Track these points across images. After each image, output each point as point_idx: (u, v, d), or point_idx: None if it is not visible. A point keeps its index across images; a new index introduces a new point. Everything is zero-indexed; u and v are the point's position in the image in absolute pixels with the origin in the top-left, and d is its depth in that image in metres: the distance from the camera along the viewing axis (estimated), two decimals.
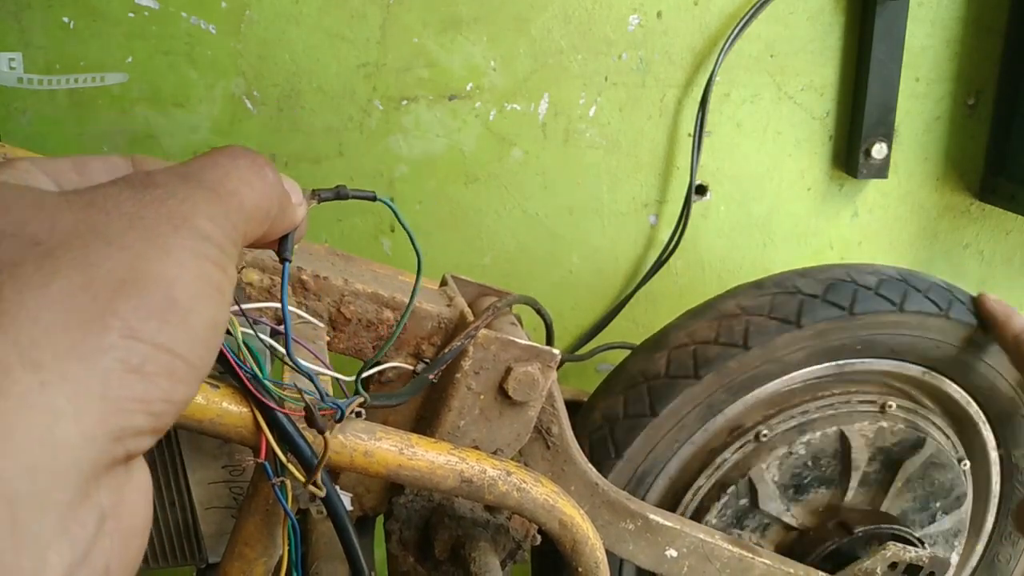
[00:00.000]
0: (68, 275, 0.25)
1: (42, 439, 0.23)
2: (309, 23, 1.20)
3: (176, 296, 0.26)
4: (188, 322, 0.27)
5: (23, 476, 0.22)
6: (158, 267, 0.26)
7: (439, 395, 0.73)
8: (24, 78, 1.15)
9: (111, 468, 0.26)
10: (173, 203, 0.28)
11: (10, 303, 0.24)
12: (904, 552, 0.92)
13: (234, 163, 0.32)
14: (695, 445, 0.96)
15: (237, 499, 0.77)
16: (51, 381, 0.23)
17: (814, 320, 0.91)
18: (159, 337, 0.26)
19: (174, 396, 0.26)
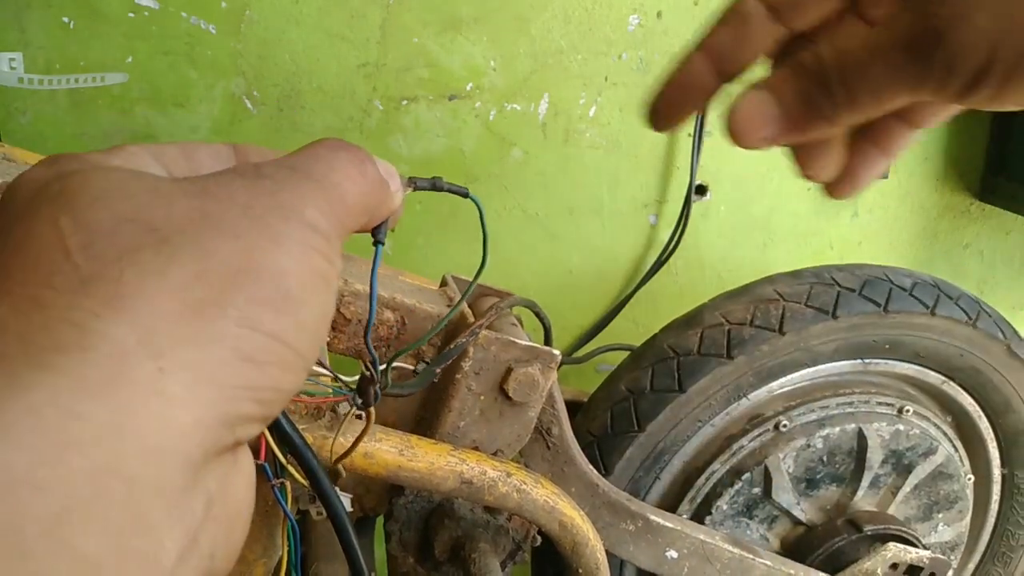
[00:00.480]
0: (185, 263, 0.25)
1: (159, 425, 0.23)
2: (309, 23, 1.20)
3: (289, 286, 0.27)
4: (299, 313, 0.27)
5: (141, 460, 0.23)
6: (271, 257, 0.26)
7: (439, 396, 0.73)
8: (24, 78, 1.15)
9: (220, 454, 0.26)
10: (283, 195, 0.28)
11: (130, 287, 0.24)
12: (905, 553, 0.92)
13: (336, 157, 0.32)
14: (715, 428, 0.97)
15: None
16: (168, 368, 0.24)
17: (849, 313, 0.91)
18: (273, 327, 0.26)
19: (283, 385, 0.27)
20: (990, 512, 1.12)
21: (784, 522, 0.98)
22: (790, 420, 0.96)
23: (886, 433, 0.96)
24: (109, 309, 0.24)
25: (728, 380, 0.93)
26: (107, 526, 0.22)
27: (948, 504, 1.01)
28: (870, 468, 0.96)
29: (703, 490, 0.97)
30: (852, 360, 0.98)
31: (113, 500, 0.22)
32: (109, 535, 0.22)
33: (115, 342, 0.23)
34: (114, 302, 0.24)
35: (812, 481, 0.96)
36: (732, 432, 0.97)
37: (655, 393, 0.92)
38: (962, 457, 1.06)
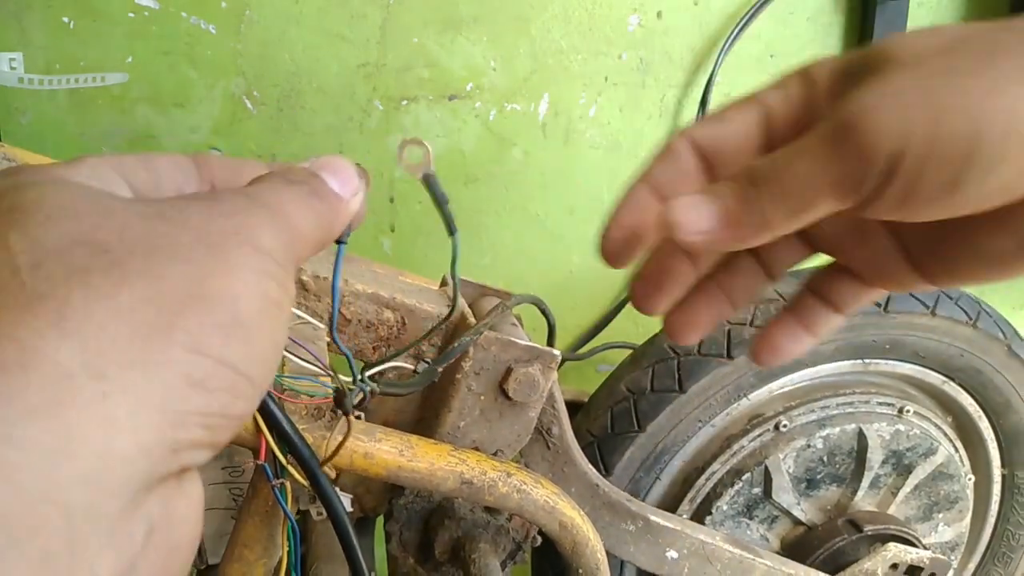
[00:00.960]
0: (135, 286, 0.25)
1: (100, 450, 0.23)
2: (309, 23, 1.20)
3: (240, 312, 0.26)
4: (251, 339, 0.27)
5: (79, 486, 0.22)
6: (223, 283, 0.26)
7: (439, 396, 0.73)
8: (24, 78, 1.15)
9: (164, 480, 0.25)
10: (239, 219, 0.28)
11: (77, 310, 0.24)
12: (905, 553, 0.92)
13: (288, 190, 0.32)
14: (715, 428, 0.97)
15: (237, 500, 0.77)
16: (113, 392, 0.23)
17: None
18: (223, 352, 0.26)
19: (232, 411, 0.26)
20: (990, 512, 1.12)
21: (784, 522, 0.98)
22: (790, 420, 0.96)
23: (886, 433, 0.96)
24: (55, 329, 0.23)
25: (728, 380, 0.93)
26: (40, 554, 0.21)
27: (948, 504, 1.01)
28: (870, 468, 0.96)
29: (704, 489, 0.97)
30: (852, 360, 0.98)
31: (47, 528, 0.21)
32: (42, 563, 0.21)
33: (58, 363, 0.23)
34: (60, 323, 0.23)
35: (813, 481, 0.96)
36: (733, 432, 0.97)
37: (655, 393, 0.92)
38: (962, 457, 1.06)
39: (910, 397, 1.03)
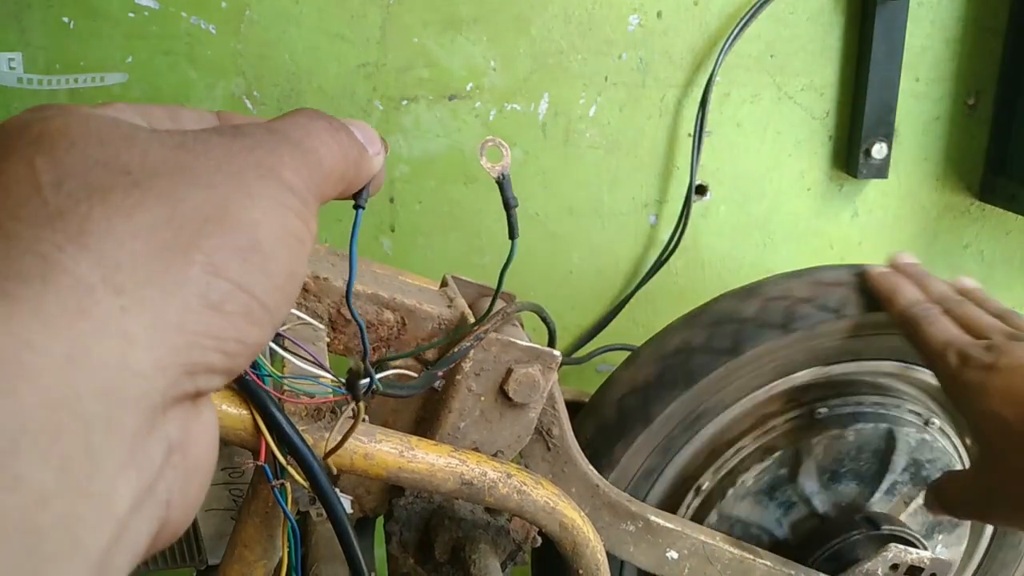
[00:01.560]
0: (154, 206, 0.25)
1: (117, 363, 0.23)
2: (309, 23, 1.20)
3: (259, 239, 0.27)
4: (268, 266, 0.27)
5: (97, 397, 0.22)
6: (242, 210, 0.26)
7: (439, 397, 0.73)
8: (24, 78, 1.14)
9: (181, 402, 0.26)
10: (260, 153, 0.28)
11: (96, 224, 0.24)
12: (906, 554, 0.92)
13: (314, 123, 0.32)
14: (754, 402, 0.96)
15: (236, 501, 0.77)
16: (130, 307, 0.23)
17: None
18: (239, 276, 0.26)
19: (248, 338, 0.27)
20: (983, 538, 1.12)
21: (799, 509, 0.97)
22: (828, 408, 0.96)
23: (913, 440, 0.96)
24: (74, 244, 0.23)
25: (779, 354, 0.92)
26: (58, 461, 0.21)
27: (951, 527, 1.01)
28: (892, 472, 0.96)
29: (730, 463, 0.96)
30: (896, 362, 0.97)
31: (66, 436, 0.22)
32: (60, 471, 0.21)
33: (77, 276, 0.23)
34: (80, 238, 0.24)
35: (836, 474, 0.96)
36: (768, 410, 0.97)
37: (710, 353, 0.92)
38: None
39: (935, 412, 1.02)
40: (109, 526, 0.23)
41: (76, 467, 0.22)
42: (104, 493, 0.23)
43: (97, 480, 0.22)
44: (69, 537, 0.21)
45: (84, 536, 0.22)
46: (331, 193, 0.33)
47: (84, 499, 0.22)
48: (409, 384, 0.64)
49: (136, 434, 0.24)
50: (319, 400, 0.58)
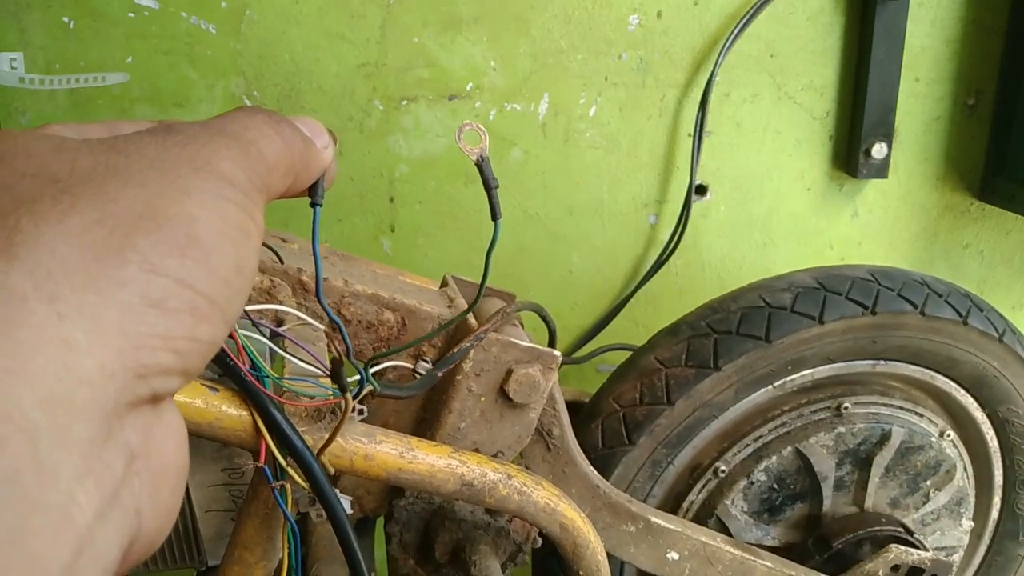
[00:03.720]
0: (84, 210, 0.25)
1: (59, 372, 0.22)
2: (309, 23, 1.20)
3: (197, 233, 0.26)
4: (209, 260, 0.26)
5: (41, 407, 0.22)
6: (177, 205, 0.26)
7: (439, 397, 0.73)
8: (25, 78, 1.14)
9: (136, 407, 0.25)
10: (194, 147, 0.28)
11: (26, 235, 0.24)
12: (907, 555, 0.92)
13: (251, 118, 0.32)
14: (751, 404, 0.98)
15: (236, 502, 0.76)
16: (68, 313, 0.23)
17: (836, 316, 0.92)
18: (179, 272, 0.25)
19: (198, 334, 0.26)
20: (991, 450, 1.11)
21: (813, 504, 0.98)
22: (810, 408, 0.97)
23: (828, 441, 0.97)
24: (3, 256, 0.23)
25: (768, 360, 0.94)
26: (7, 474, 0.21)
27: (932, 471, 1.02)
28: (825, 478, 0.97)
29: (746, 450, 0.97)
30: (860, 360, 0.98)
31: (12, 449, 0.21)
32: (10, 483, 0.21)
33: (8, 287, 0.23)
34: (9, 249, 0.23)
35: (773, 508, 0.97)
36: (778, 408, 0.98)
37: (743, 337, 0.93)
38: (932, 419, 1.06)
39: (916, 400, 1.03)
40: (69, 538, 0.22)
41: (25, 480, 0.21)
42: (59, 505, 0.22)
43: (51, 492, 0.22)
44: (24, 553, 0.21)
45: (41, 550, 0.21)
46: (278, 187, 0.32)
47: (37, 512, 0.21)
48: (408, 385, 0.64)
49: (90, 442, 0.23)
50: (319, 402, 0.58)
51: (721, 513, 0.95)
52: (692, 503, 0.97)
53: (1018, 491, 1.14)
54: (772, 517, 0.97)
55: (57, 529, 0.22)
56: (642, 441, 0.92)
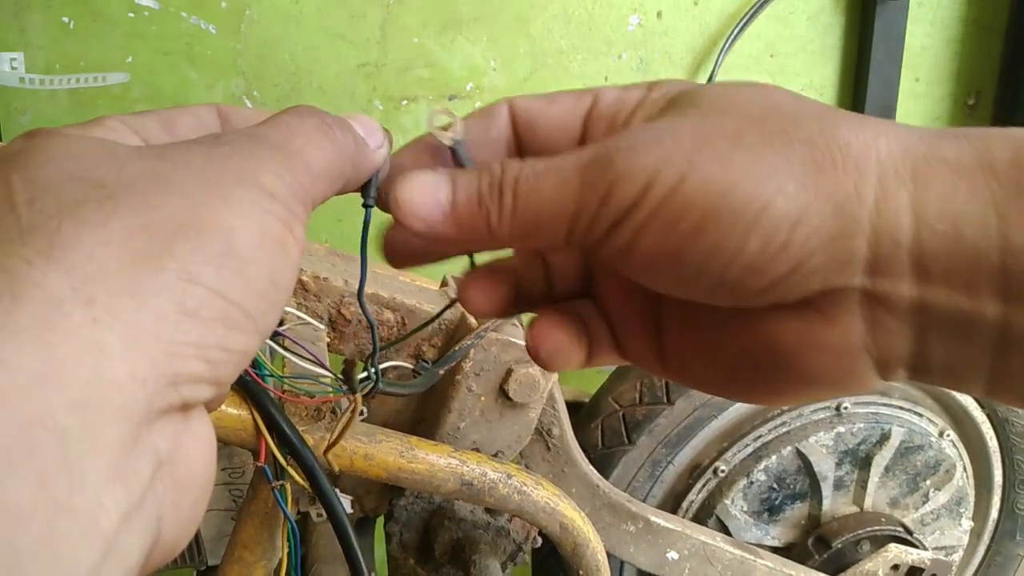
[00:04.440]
0: (126, 216, 0.25)
1: (91, 376, 0.22)
2: (309, 23, 1.20)
3: (236, 244, 0.26)
4: (246, 271, 0.26)
5: (72, 411, 0.22)
6: (218, 215, 0.26)
7: (439, 397, 0.73)
8: (25, 78, 1.14)
9: (166, 414, 0.25)
10: (239, 159, 0.28)
11: (67, 238, 0.24)
12: (906, 554, 0.92)
13: (301, 123, 0.31)
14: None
15: (236, 501, 0.76)
16: (103, 318, 0.23)
17: None
18: (215, 282, 0.25)
19: (231, 344, 0.26)
20: (991, 449, 1.11)
21: (812, 504, 0.98)
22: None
23: (828, 441, 0.97)
24: (43, 257, 0.23)
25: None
26: (36, 477, 0.21)
27: (931, 470, 1.02)
28: (825, 478, 0.97)
29: (746, 450, 0.98)
30: None
31: (42, 452, 0.21)
32: (39, 487, 0.21)
33: (47, 289, 0.23)
34: (49, 251, 0.23)
35: (773, 508, 0.98)
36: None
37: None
38: (931, 419, 1.06)
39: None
40: (96, 543, 0.22)
41: (54, 483, 0.21)
42: (88, 509, 0.22)
43: (79, 495, 0.22)
44: (52, 556, 0.21)
45: (68, 554, 0.21)
46: (325, 193, 0.32)
47: (66, 516, 0.21)
48: (409, 383, 0.64)
49: (119, 447, 0.23)
50: (319, 400, 0.58)
51: (721, 513, 0.95)
52: (692, 503, 0.97)
53: (1017, 491, 1.14)
54: (772, 517, 0.97)
55: (85, 533, 0.22)
56: (642, 441, 0.92)
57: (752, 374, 0.33)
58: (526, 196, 0.32)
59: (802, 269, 0.29)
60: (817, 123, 0.30)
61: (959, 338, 0.28)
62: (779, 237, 0.28)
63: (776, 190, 0.28)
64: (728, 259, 0.29)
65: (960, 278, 0.27)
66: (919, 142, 0.28)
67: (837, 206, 0.28)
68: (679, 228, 0.29)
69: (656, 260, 0.30)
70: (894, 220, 0.28)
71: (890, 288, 0.28)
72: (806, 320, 0.30)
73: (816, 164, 0.29)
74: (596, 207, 0.31)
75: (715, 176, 0.29)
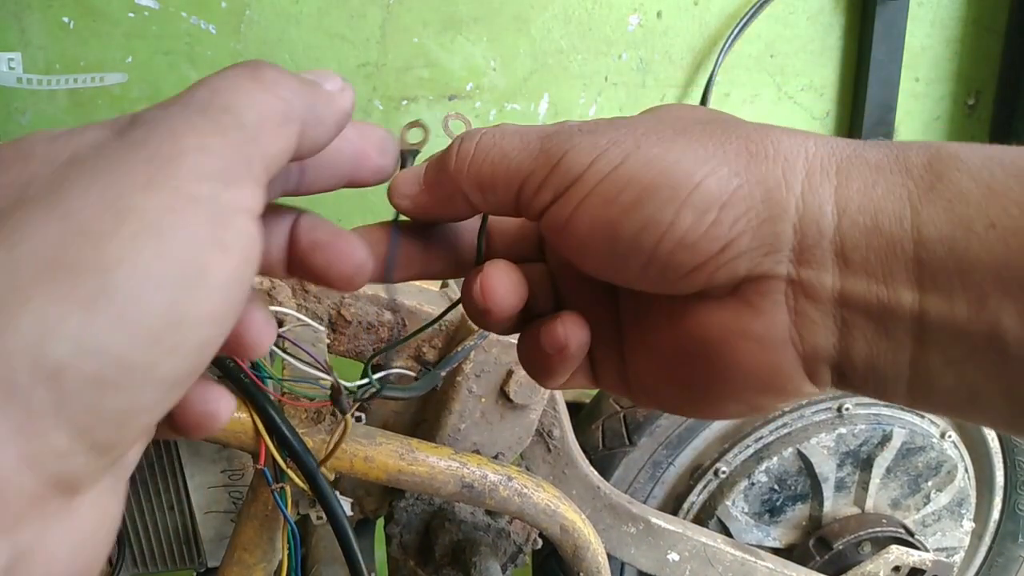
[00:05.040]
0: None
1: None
2: (309, 23, 1.20)
3: (115, 283, 0.21)
4: (127, 315, 0.21)
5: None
6: (99, 244, 0.21)
7: (440, 398, 0.73)
8: (24, 78, 1.14)
9: (32, 501, 0.21)
10: (155, 142, 0.23)
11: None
12: (908, 555, 0.92)
13: (224, 77, 0.26)
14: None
15: (236, 504, 0.76)
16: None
17: None
18: (81, 333, 0.21)
19: (104, 404, 0.21)
20: (992, 450, 1.11)
21: (813, 505, 0.98)
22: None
23: (829, 442, 0.97)
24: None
25: None
26: None
27: (932, 472, 1.02)
28: (826, 479, 0.97)
29: (747, 451, 0.97)
30: None
31: None
32: None
33: None
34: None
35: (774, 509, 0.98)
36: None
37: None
38: (934, 420, 1.06)
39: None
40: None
41: None
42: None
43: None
44: None
45: None
46: (275, 148, 0.26)
47: None
48: (410, 386, 0.64)
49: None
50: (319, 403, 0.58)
51: (722, 514, 0.95)
52: (693, 504, 0.97)
53: (1019, 492, 1.14)
54: (773, 518, 0.97)
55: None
56: (643, 442, 0.92)
57: (689, 374, 0.33)
58: (487, 148, 0.34)
59: (731, 250, 0.30)
60: (754, 127, 0.32)
61: (879, 331, 0.29)
62: (710, 215, 0.29)
63: (711, 171, 0.30)
64: (661, 233, 0.30)
65: (878, 267, 0.28)
66: (845, 146, 0.30)
67: (766, 192, 0.29)
68: (618, 201, 0.30)
69: (593, 234, 0.31)
70: (818, 210, 0.29)
71: (814, 277, 0.29)
72: (733, 311, 0.31)
73: (750, 154, 0.30)
74: (546, 174, 0.32)
75: (656, 156, 0.30)
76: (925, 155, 0.29)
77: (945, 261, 0.27)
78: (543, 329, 0.36)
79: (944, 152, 0.29)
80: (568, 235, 0.32)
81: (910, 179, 0.28)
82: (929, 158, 0.29)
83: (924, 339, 0.28)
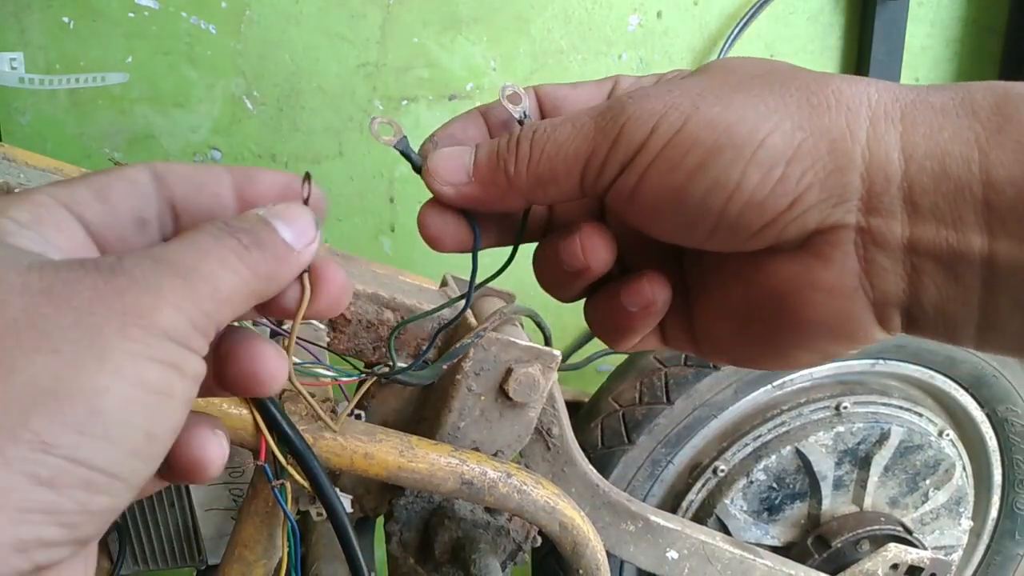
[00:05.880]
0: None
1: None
2: (309, 23, 1.20)
3: (102, 408, 0.25)
4: (112, 435, 0.25)
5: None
6: (87, 376, 0.25)
7: (439, 396, 0.73)
8: (25, 78, 1.14)
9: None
10: (134, 292, 0.26)
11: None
12: (906, 553, 0.92)
13: (214, 244, 0.29)
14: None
15: (237, 501, 0.77)
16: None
17: None
18: (75, 451, 0.24)
19: (92, 506, 0.25)
20: (991, 449, 1.12)
21: (812, 503, 0.98)
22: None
23: (827, 440, 0.97)
24: None
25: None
26: None
27: (931, 470, 1.02)
28: (824, 478, 0.97)
29: (745, 449, 0.98)
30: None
31: None
32: None
33: None
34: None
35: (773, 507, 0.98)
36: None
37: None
38: (931, 419, 1.06)
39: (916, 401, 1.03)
40: None
41: None
42: None
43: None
44: None
45: None
46: (235, 314, 0.29)
47: None
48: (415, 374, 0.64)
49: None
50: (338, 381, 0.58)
51: (720, 512, 0.95)
52: (691, 502, 0.97)
53: (1017, 490, 1.14)
54: (771, 516, 0.97)
55: None
56: (641, 440, 0.92)
57: (761, 328, 0.33)
58: (542, 144, 0.33)
59: (799, 204, 0.30)
60: (812, 76, 0.32)
61: (949, 276, 0.29)
62: (776, 171, 0.29)
63: (774, 127, 0.30)
64: (729, 194, 0.30)
65: (947, 212, 0.28)
66: (907, 91, 0.30)
67: (831, 143, 0.29)
68: (683, 165, 0.30)
69: (661, 200, 0.31)
70: (885, 157, 0.29)
71: (883, 225, 0.29)
72: (803, 263, 0.31)
73: (811, 106, 0.30)
74: (607, 150, 0.32)
75: (717, 116, 0.30)
76: (992, 97, 0.29)
77: (1015, 204, 0.27)
78: (625, 289, 0.36)
79: (1012, 93, 0.28)
80: (636, 204, 0.32)
81: (977, 122, 0.28)
82: (996, 100, 0.28)
83: (993, 282, 0.28)
